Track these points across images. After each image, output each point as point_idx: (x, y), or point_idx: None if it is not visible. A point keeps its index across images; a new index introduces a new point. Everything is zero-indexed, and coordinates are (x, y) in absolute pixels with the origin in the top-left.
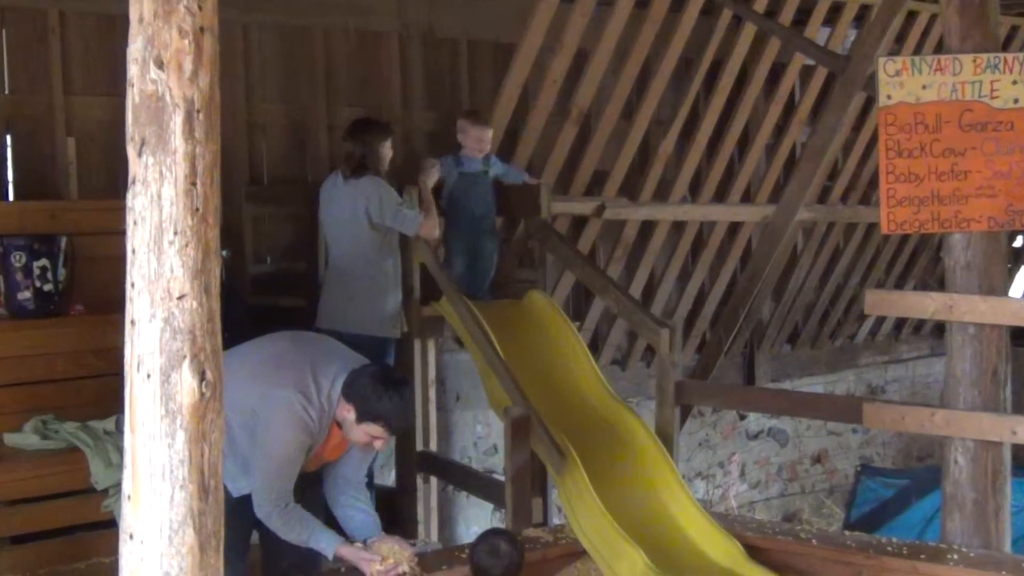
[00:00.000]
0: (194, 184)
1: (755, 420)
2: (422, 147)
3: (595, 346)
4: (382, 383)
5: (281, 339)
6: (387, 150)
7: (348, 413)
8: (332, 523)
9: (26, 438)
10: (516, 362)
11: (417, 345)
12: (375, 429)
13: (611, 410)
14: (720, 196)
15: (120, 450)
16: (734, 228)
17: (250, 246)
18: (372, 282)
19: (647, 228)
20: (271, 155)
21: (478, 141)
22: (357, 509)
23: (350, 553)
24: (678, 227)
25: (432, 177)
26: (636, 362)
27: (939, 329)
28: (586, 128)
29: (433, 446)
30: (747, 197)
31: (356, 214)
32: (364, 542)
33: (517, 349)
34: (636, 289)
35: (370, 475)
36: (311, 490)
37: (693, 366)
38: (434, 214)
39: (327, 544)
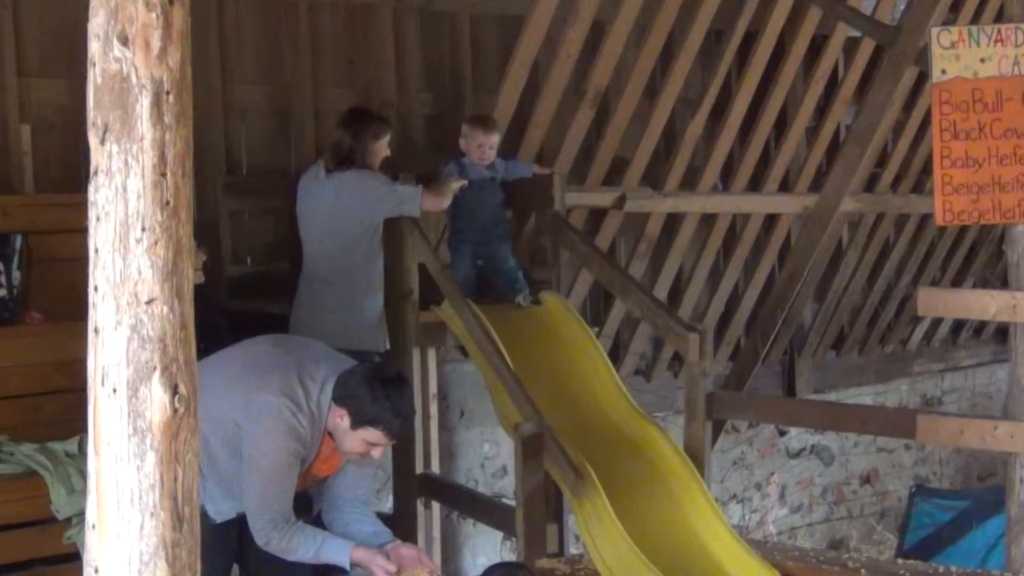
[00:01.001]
0: (164, 175)
1: (796, 436)
2: (420, 133)
3: (616, 354)
4: (377, 382)
5: (260, 342)
6: (382, 148)
7: (341, 420)
8: None
9: None
10: (527, 373)
11: (416, 355)
12: (372, 435)
13: (634, 426)
14: (755, 185)
15: (83, 474)
16: (771, 220)
17: (227, 245)
18: (351, 288)
19: (673, 221)
20: (250, 142)
21: (480, 148)
22: (364, 523)
23: (366, 556)
24: (708, 220)
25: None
26: (662, 372)
27: (1002, 332)
28: (604, 110)
29: (435, 468)
30: (785, 186)
31: (337, 212)
32: (380, 546)
33: (528, 358)
34: (661, 290)
35: None
36: (300, 518)
37: (726, 376)
38: (443, 191)
39: (340, 551)
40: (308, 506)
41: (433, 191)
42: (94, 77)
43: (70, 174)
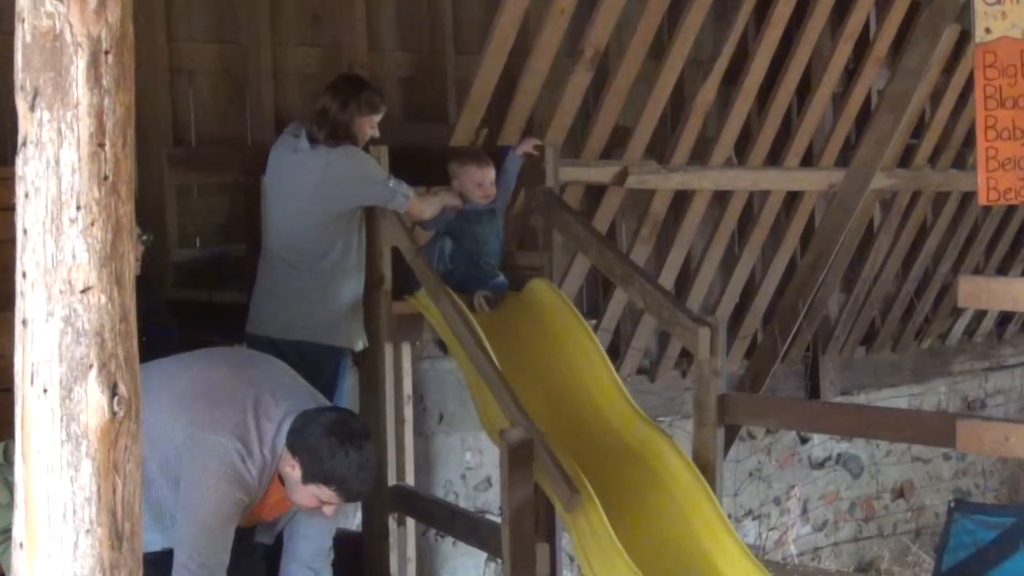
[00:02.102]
0: (102, 145)
1: (820, 444)
2: (395, 98)
3: (615, 350)
4: (336, 436)
5: (218, 363)
6: (370, 126)
7: (292, 470)
8: None
9: None
10: (515, 371)
11: (389, 350)
12: (325, 493)
13: (636, 432)
14: (774, 158)
15: (10, 486)
16: (792, 199)
17: (173, 225)
18: (325, 274)
19: (681, 200)
20: (201, 109)
21: (480, 187)
22: None
23: None
24: (721, 198)
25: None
26: (668, 371)
27: None
28: (603, 73)
29: (410, 479)
30: (809, 159)
31: (323, 190)
32: None
33: (516, 355)
34: (668, 277)
35: None
36: (244, 560)
37: (741, 375)
38: (432, 198)
39: None
40: (252, 550)
41: (421, 198)
42: (23, 34)
43: None
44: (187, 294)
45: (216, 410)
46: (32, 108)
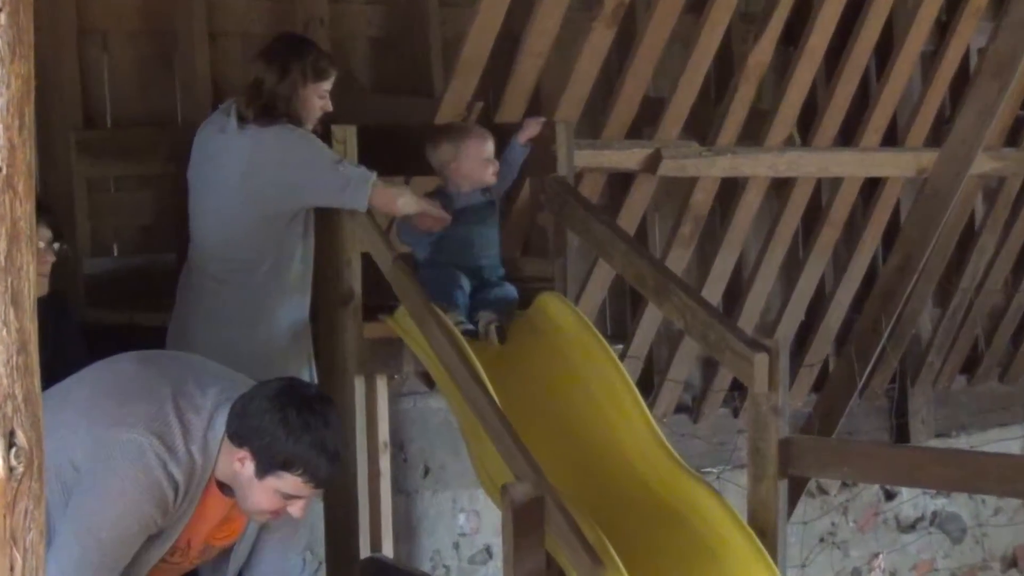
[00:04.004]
0: None
1: (911, 500)
2: (364, 64)
3: (648, 383)
4: (291, 406)
5: (122, 360)
6: (319, 98)
7: (242, 465)
8: None
9: None
10: (521, 411)
11: (359, 385)
12: (288, 483)
13: (675, 486)
14: (847, 137)
15: None
16: (871, 188)
17: (84, 229)
18: (256, 291)
19: (729, 190)
20: (118, 82)
21: (486, 165)
22: None
23: None
24: (780, 188)
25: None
26: (715, 409)
27: None
28: (628, 30)
29: (387, 549)
30: (892, 138)
31: (249, 182)
32: None
33: (522, 390)
34: (714, 290)
35: None
36: None
37: (808, 413)
38: (402, 192)
39: None
40: None
41: (390, 185)
42: None
43: None
44: (101, 315)
45: (125, 406)
46: None
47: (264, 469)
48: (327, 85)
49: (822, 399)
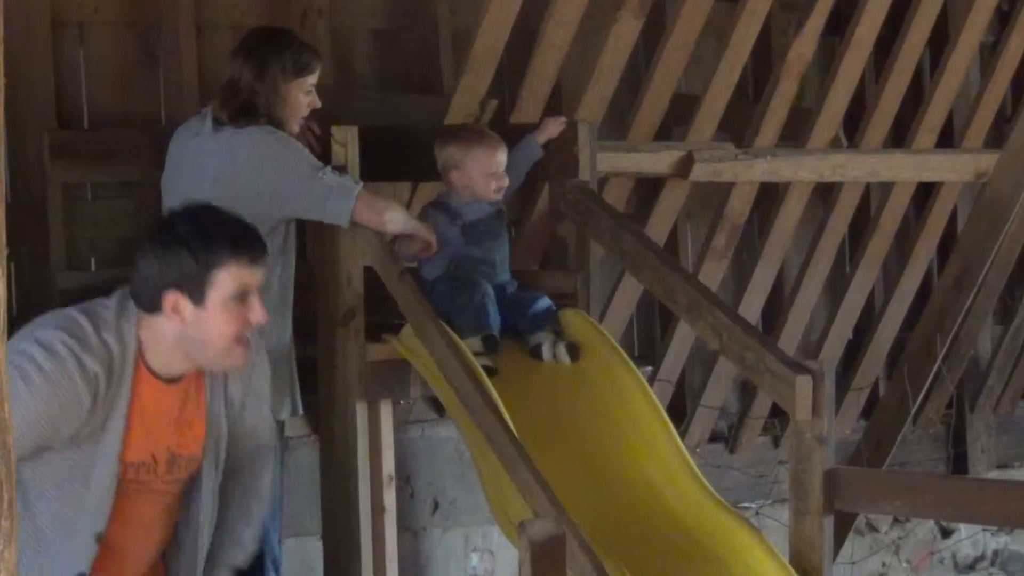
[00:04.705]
0: None
1: (970, 538)
2: (367, 59)
3: (679, 409)
4: (167, 228)
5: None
6: (302, 95)
7: (179, 315)
8: None
9: None
10: (539, 439)
11: (361, 413)
12: (224, 282)
13: (710, 523)
14: (899, 137)
15: None
16: (925, 194)
17: (59, 239)
18: None
19: (769, 195)
20: (95, 79)
21: (494, 177)
22: None
23: None
24: (825, 194)
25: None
26: (754, 438)
27: None
28: (657, 20)
29: None
30: (948, 138)
31: (216, 191)
32: None
33: (540, 417)
34: (752, 306)
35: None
36: None
37: (856, 442)
38: (391, 207)
39: None
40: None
41: (377, 198)
42: None
43: None
44: None
45: (31, 326)
46: None
47: (199, 289)
48: (312, 79)
49: (871, 426)
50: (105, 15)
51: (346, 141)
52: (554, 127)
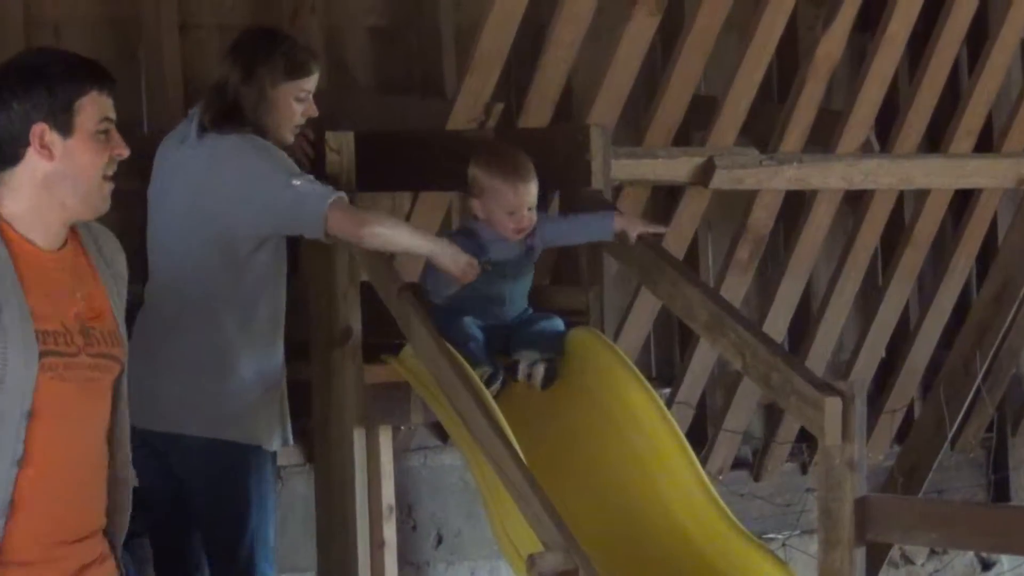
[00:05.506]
0: None
1: (1013, 570)
2: (361, 60)
3: (700, 434)
4: (28, 60)
5: None
6: (295, 100)
7: (48, 151)
8: None
9: None
10: (549, 467)
11: (358, 439)
12: (91, 107)
13: (733, 555)
14: (934, 142)
15: None
16: (963, 201)
17: None
18: (215, 334)
19: (795, 204)
20: None
21: (513, 217)
22: None
23: None
24: (855, 202)
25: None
26: (779, 464)
27: None
28: (674, 19)
29: None
30: (987, 143)
31: (198, 203)
32: None
33: (550, 442)
34: (778, 323)
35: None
36: None
37: (890, 468)
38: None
39: None
40: None
41: (361, 210)
42: None
43: None
44: None
45: None
46: None
47: (66, 120)
48: (307, 84)
49: (906, 451)
50: (82, 12)
51: (341, 148)
52: (646, 227)
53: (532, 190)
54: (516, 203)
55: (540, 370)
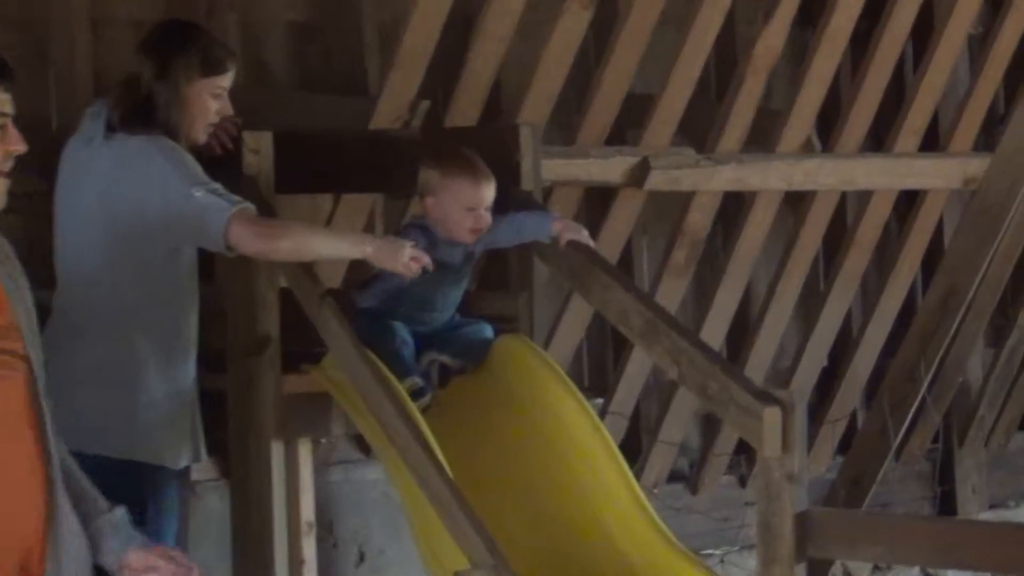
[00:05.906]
0: None
1: None
2: (282, 56)
3: (635, 445)
4: None
5: None
6: (210, 98)
7: None
8: None
9: None
10: (476, 480)
11: (276, 453)
12: None
13: (669, 571)
14: (877, 140)
15: None
16: (908, 203)
17: None
18: (119, 346)
19: (734, 206)
20: None
21: (473, 214)
22: None
23: None
24: (796, 203)
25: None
26: (717, 477)
27: None
28: (608, 13)
29: None
30: (932, 141)
31: (103, 208)
32: None
33: (477, 454)
34: (715, 330)
35: None
36: None
37: (833, 481)
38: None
39: None
40: None
41: (271, 221)
42: None
43: None
44: None
45: None
46: None
47: None
48: (223, 81)
49: (849, 463)
50: None
51: (259, 148)
52: (576, 235)
53: (491, 190)
54: (477, 199)
55: (432, 371)
